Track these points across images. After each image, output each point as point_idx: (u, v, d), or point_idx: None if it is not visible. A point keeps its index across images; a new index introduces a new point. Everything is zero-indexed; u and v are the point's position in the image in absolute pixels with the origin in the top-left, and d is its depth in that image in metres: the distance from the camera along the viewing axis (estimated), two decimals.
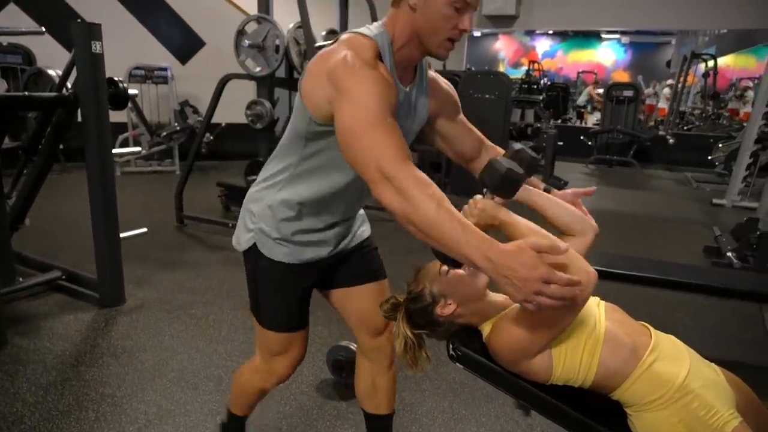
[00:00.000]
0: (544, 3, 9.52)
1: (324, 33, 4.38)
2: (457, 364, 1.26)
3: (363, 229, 1.52)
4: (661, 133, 9.08)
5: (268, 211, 1.30)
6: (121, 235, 2.88)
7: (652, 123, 10.94)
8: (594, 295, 1.33)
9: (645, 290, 2.79)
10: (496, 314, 1.25)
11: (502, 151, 1.34)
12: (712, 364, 1.25)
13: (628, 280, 2.58)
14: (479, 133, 1.42)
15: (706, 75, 10.41)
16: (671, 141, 8.71)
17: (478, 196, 1.17)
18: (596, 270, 2.52)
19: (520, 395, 1.23)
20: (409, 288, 1.33)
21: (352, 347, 2.15)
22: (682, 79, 9.67)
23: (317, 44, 3.99)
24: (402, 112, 1.19)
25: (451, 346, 1.26)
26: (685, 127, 10.36)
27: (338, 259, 1.44)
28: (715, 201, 6.24)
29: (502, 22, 9.74)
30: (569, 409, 1.20)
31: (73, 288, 2.98)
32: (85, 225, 3.11)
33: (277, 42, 3.90)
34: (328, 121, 1.10)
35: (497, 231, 1.16)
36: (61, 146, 3.01)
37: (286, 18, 4.12)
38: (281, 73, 4.22)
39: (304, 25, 3.56)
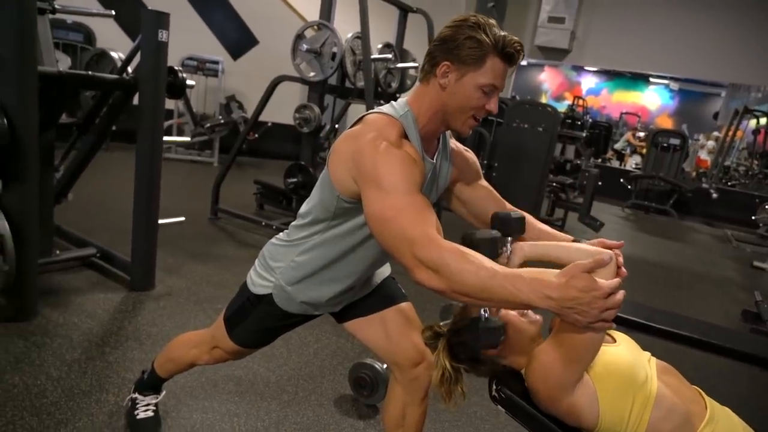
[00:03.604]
0: (597, 41, 9.47)
1: (380, 46, 4.40)
2: (499, 406, 1.21)
3: (382, 273, 1.52)
4: (704, 185, 8.86)
5: (291, 271, 1.32)
6: (159, 221, 2.91)
7: (694, 174, 10.70)
8: (646, 350, 1.27)
9: (680, 348, 2.69)
10: None
11: (530, 218, 1.34)
12: None
13: (663, 336, 2.49)
14: (501, 199, 1.42)
15: (756, 132, 10.14)
16: (714, 195, 8.48)
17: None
18: (631, 320, 2.44)
19: None
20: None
21: (377, 366, 2.11)
22: (731, 132, 9.44)
23: (373, 56, 4.01)
24: (428, 182, 1.24)
25: (494, 387, 1.21)
26: (729, 183, 10.09)
27: None
28: (755, 264, 6.02)
29: (554, 54, 9.72)
30: None
31: (105, 267, 3.01)
32: (124, 206, 3.15)
33: (334, 50, 3.93)
34: (355, 198, 1.14)
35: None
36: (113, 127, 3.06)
37: (345, 27, 4.15)
38: (333, 80, 4.25)
39: (363, 36, 3.58)
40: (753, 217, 7.46)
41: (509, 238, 1.22)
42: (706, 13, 8.76)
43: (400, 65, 4.38)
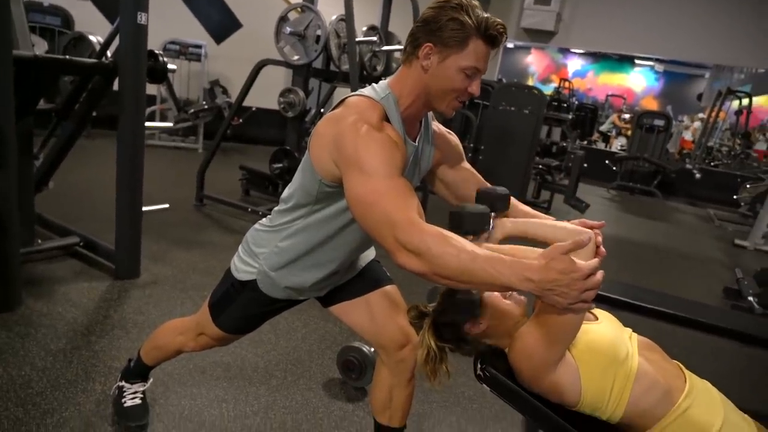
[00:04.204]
0: (583, 23, 9.45)
1: (365, 29, 4.35)
2: (484, 385, 1.22)
3: (366, 256, 1.53)
4: (688, 166, 8.96)
5: (274, 257, 1.31)
6: (143, 208, 2.88)
7: (678, 155, 10.80)
8: (626, 326, 1.29)
9: (664, 326, 2.73)
10: None
11: (512, 201, 1.36)
12: (746, 415, 1.20)
13: (649, 315, 2.53)
14: (483, 180, 1.43)
15: (739, 113, 10.24)
16: (698, 176, 8.59)
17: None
18: (617, 300, 2.47)
19: (545, 423, 1.19)
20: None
21: (364, 349, 2.12)
22: (714, 113, 9.53)
23: (358, 39, 3.96)
24: (410, 165, 1.23)
25: (479, 365, 1.22)
26: (712, 163, 10.21)
27: None
28: (737, 242, 6.12)
29: (540, 37, 9.69)
30: None
31: (89, 256, 2.98)
32: (107, 193, 3.11)
33: (318, 32, 3.87)
34: (336, 182, 1.13)
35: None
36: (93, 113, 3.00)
37: (329, 9, 4.09)
38: (318, 64, 4.20)
39: (348, 18, 3.53)
40: (735, 197, 7.58)
41: (492, 214, 1.22)
42: None
43: (385, 48, 4.33)
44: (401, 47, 4.62)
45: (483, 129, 6.32)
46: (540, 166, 6.52)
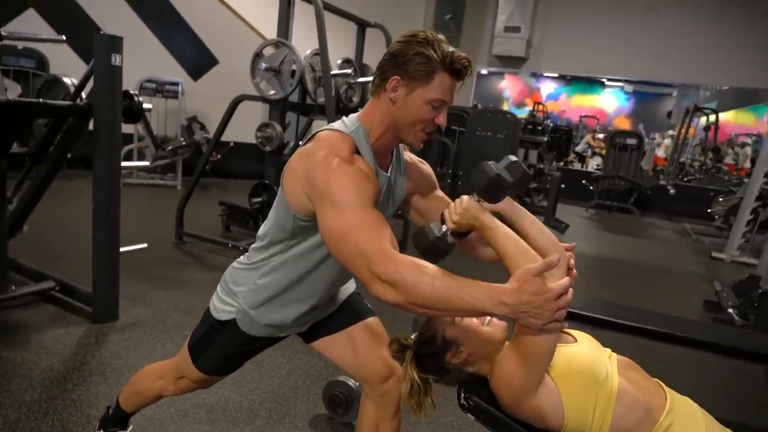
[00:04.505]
0: (552, 48, 9.74)
1: (340, 61, 4.42)
2: (468, 414, 1.22)
3: (347, 289, 1.52)
4: (662, 182, 9.16)
5: (253, 295, 1.31)
6: (121, 249, 2.84)
7: (652, 172, 11.05)
8: (606, 347, 1.30)
9: (647, 343, 2.75)
10: None
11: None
12: (728, 429, 1.21)
13: (631, 332, 2.55)
14: None
15: (707, 128, 10.56)
16: (672, 191, 8.78)
17: (465, 197, 1.17)
18: (600, 319, 2.49)
19: None
20: (421, 330, 1.30)
21: (350, 383, 2.10)
22: (683, 130, 9.81)
23: (333, 72, 4.03)
24: (383, 196, 1.24)
25: (463, 395, 1.22)
26: (685, 179, 10.46)
27: None
28: (714, 254, 6.24)
29: (511, 63, 9.95)
30: None
31: (66, 300, 2.91)
32: (83, 235, 3.06)
33: (293, 67, 3.93)
34: (310, 217, 1.14)
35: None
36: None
37: (303, 44, 4.16)
38: (294, 97, 4.24)
39: (322, 52, 3.59)
40: (709, 210, 7.74)
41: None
42: (655, 18, 9.12)
43: (360, 80, 4.41)
44: None
45: (460, 155, 6.41)
46: None
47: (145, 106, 2.91)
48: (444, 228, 1.17)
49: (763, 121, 14.35)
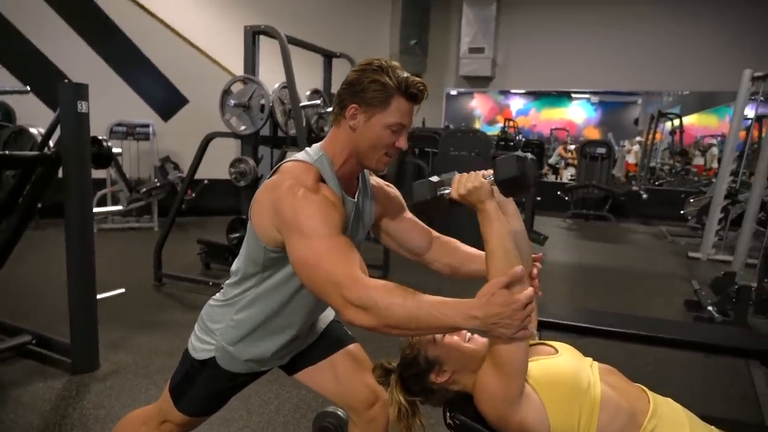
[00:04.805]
0: (517, 65, 9.99)
1: (308, 93, 4.48)
2: None
3: (326, 317, 1.52)
4: (634, 188, 9.36)
5: (231, 331, 1.31)
6: (98, 296, 2.79)
7: (624, 179, 11.30)
8: (581, 351, 1.32)
9: (631, 347, 2.78)
10: None
11: (456, 242, 1.43)
12: (712, 427, 1.22)
13: (615, 338, 2.58)
14: (427, 228, 1.47)
15: (672, 133, 10.88)
16: (644, 196, 8.97)
17: (480, 173, 1.18)
18: (585, 327, 2.51)
19: None
20: (403, 353, 1.30)
21: (339, 413, 2.07)
22: (650, 136, 10.09)
23: (302, 104, 4.07)
24: (352, 221, 1.26)
25: (449, 414, 1.22)
26: (656, 182, 10.71)
27: None
28: (690, 254, 6.36)
29: (479, 82, 10.17)
30: None
31: (43, 353, 2.83)
32: (58, 285, 3.00)
33: (262, 101, 3.96)
34: (280, 247, 1.15)
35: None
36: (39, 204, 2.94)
37: (271, 77, 4.21)
38: (266, 131, 4.27)
39: (290, 85, 3.64)
40: (681, 212, 7.92)
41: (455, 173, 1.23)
42: (615, 29, 9.44)
43: (330, 109, 4.46)
44: None
45: (434, 175, 6.47)
46: None
47: (115, 150, 2.90)
48: (446, 191, 1.19)
49: (725, 122, 14.87)
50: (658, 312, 4.17)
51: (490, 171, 1.18)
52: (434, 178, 1.24)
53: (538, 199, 7.13)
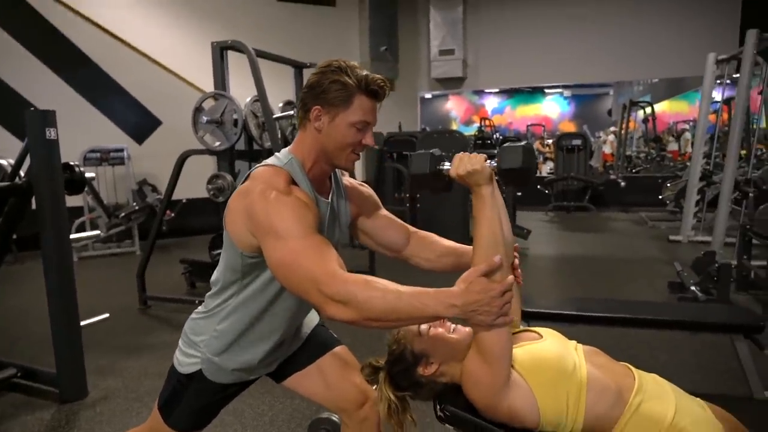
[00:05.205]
0: (488, 64, 10.10)
1: (281, 104, 4.48)
2: (447, 425, 1.22)
3: (311, 321, 1.52)
4: (612, 177, 9.49)
5: (215, 341, 1.30)
6: (81, 323, 2.75)
7: (602, 169, 11.46)
8: (571, 339, 1.34)
9: (619, 330, 2.82)
10: None
11: (433, 237, 1.44)
12: (698, 399, 1.25)
13: (603, 323, 2.61)
14: (404, 224, 1.48)
15: (645, 120, 11.08)
16: (623, 184, 9.10)
17: (482, 156, 1.19)
18: (573, 315, 2.53)
19: None
20: (390, 349, 1.31)
21: (334, 418, 2.06)
22: (624, 125, 10.26)
23: (275, 116, 4.07)
24: (328, 221, 1.27)
25: (438, 406, 1.23)
26: (633, 170, 10.88)
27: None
28: (671, 238, 6.47)
29: (451, 84, 10.25)
30: None
31: (30, 385, 2.77)
32: (42, 316, 2.94)
33: (235, 116, 3.96)
34: (257, 252, 1.16)
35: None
36: (14, 236, 2.89)
37: (242, 92, 4.20)
38: (241, 145, 4.26)
39: (261, 98, 3.63)
40: (660, 197, 8.06)
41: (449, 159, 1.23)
42: (581, 22, 9.60)
43: None
44: None
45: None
46: None
47: (88, 175, 2.87)
48: (446, 167, 1.19)
49: (696, 107, 15.19)
50: (643, 295, 4.24)
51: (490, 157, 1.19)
52: (435, 151, 1.25)
53: (519, 194, 7.20)
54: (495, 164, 1.19)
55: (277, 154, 1.27)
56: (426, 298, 1.00)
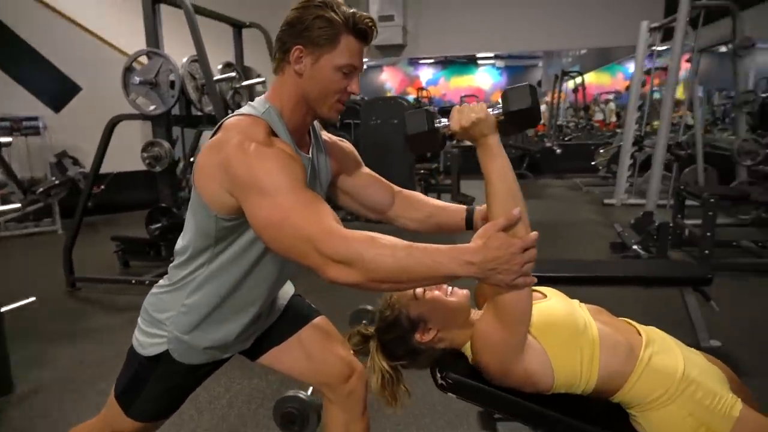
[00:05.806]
0: (427, 32, 10.00)
1: (220, 66, 4.15)
2: (449, 393, 1.13)
3: (286, 293, 1.38)
4: (548, 144, 9.75)
5: (183, 317, 1.13)
6: (2, 309, 2.44)
7: (535, 138, 11.77)
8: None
9: (571, 289, 2.85)
10: None
11: (420, 195, 1.33)
12: (693, 349, 1.23)
13: (555, 282, 2.62)
14: (387, 182, 1.35)
15: (575, 90, 11.42)
16: (558, 151, 9.37)
17: (483, 105, 1.08)
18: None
19: (521, 414, 1.12)
20: (382, 315, 1.20)
21: (301, 396, 1.94)
22: (555, 95, 10.53)
23: (215, 78, 3.77)
24: (309, 178, 1.11)
25: (439, 375, 1.13)
26: (565, 138, 11.24)
27: None
28: (606, 201, 6.75)
29: (391, 51, 10.09)
30: (573, 420, 1.11)
31: None
32: None
33: (172, 77, 3.61)
34: (234, 214, 1.00)
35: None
36: None
37: (178, 51, 3.84)
38: (177, 110, 3.92)
39: (201, 58, 3.34)
40: (592, 163, 8.38)
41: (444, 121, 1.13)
42: None
43: (246, 83, 4.17)
44: (262, 79, 4.47)
45: (359, 146, 6.33)
46: (422, 171, 6.71)
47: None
48: (443, 122, 1.09)
49: (617, 78, 15.97)
50: (587, 256, 4.38)
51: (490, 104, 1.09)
52: (429, 108, 1.12)
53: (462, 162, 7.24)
54: (498, 111, 1.08)
55: (251, 102, 1.10)
56: (440, 256, 0.88)
